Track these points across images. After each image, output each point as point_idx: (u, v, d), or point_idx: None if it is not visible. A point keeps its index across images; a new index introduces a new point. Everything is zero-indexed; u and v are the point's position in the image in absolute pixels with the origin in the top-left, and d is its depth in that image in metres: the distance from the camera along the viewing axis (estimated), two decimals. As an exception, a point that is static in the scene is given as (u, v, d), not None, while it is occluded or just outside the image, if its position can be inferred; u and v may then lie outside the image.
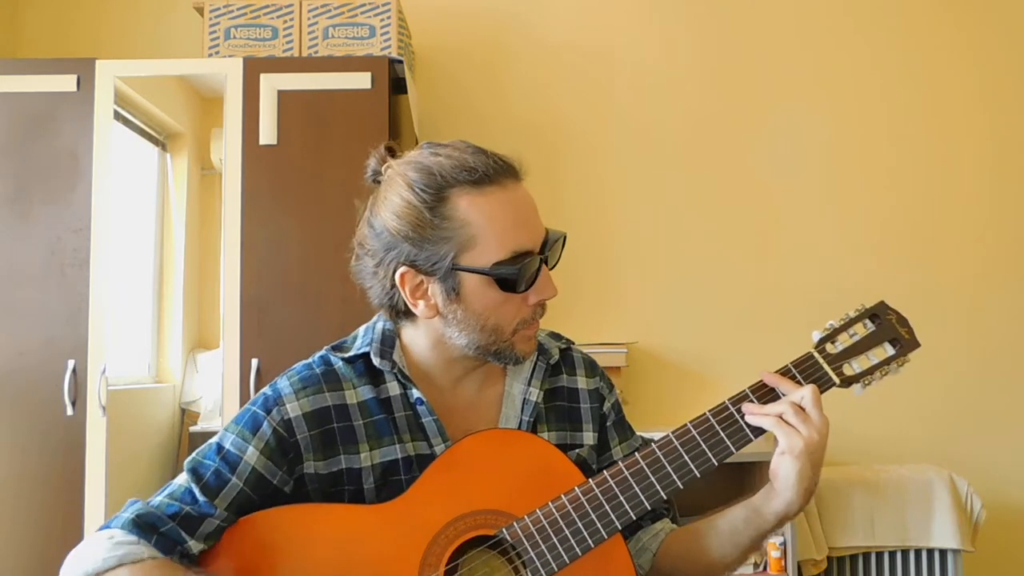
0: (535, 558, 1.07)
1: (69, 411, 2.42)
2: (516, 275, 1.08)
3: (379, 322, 1.20)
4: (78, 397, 2.43)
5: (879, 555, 2.68)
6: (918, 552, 2.67)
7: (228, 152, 2.52)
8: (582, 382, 1.27)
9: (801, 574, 2.59)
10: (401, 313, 1.15)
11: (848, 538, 2.64)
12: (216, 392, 2.51)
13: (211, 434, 1.14)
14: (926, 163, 3.06)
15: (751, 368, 3.19)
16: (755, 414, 1.11)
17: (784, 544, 2.49)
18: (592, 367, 1.30)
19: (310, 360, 1.18)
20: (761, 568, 2.53)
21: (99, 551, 1.01)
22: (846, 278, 3.01)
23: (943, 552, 2.65)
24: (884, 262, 3.03)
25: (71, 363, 2.44)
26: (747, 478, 2.61)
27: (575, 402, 1.25)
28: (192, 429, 2.66)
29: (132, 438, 2.54)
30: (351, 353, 1.17)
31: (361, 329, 1.21)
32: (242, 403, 2.40)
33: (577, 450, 1.22)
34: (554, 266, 1.15)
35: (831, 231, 3.04)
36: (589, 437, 1.24)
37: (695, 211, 3.04)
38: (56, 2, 3.11)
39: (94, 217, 2.49)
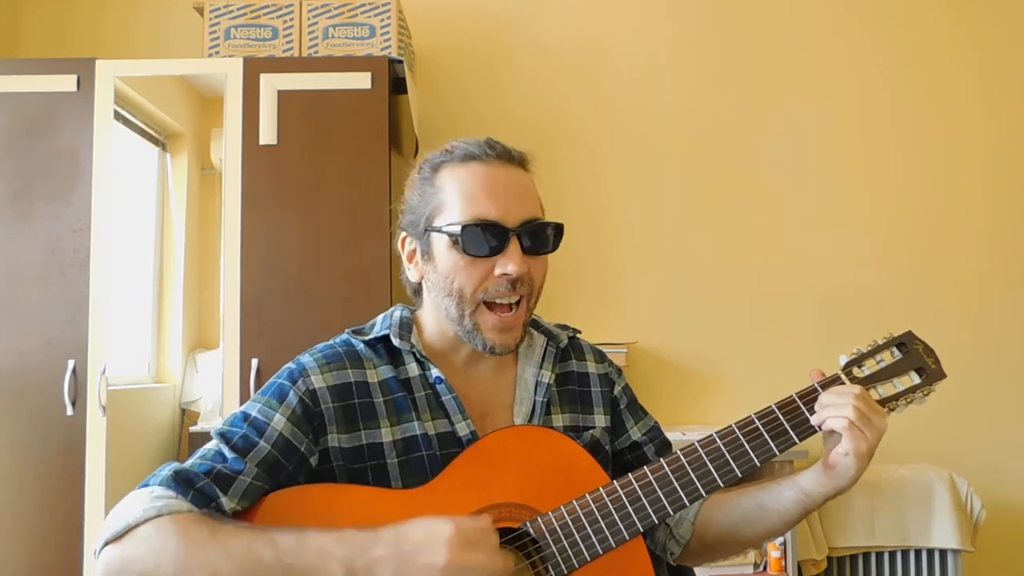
0: (556, 553, 1.09)
1: (69, 411, 2.42)
2: (469, 237, 1.14)
3: (396, 310, 1.25)
4: (78, 397, 2.43)
5: (879, 555, 2.68)
6: (918, 552, 2.67)
7: (228, 152, 2.52)
8: (591, 367, 1.33)
9: (801, 574, 2.59)
10: (416, 287, 1.26)
11: (848, 538, 2.64)
12: (216, 392, 2.51)
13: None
14: (929, 165, 3.06)
15: (751, 368, 3.20)
16: (831, 416, 1.11)
17: (784, 544, 2.49)
18: (600, 354, 1.37)
19: (331, 341, 1.23)
20: (761, 568, 2.53)
21: (140, 504, 1.03)
22: (846, 279, 3.01)
23: (943, 552, 2.65)
24: (885, 262, 3.02)
25: (71, 363, 2.44)
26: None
27: (586, 386, 1.31)
28: (192, 429, 2.66)
29: (132, 438, 2.54)
30: (371, 336, 1.22)
31: (379, 317, 1.26)
32: (242, 403, 2.40)
33: (590, 431, 1.27)
34: (540, 252, 1.19)
35: (831, 231, 3.04)
36: (601, 420, 1.29)
37: (695, 211, 3.04)
38: (56, 2, 3.11)
39: (94, 217, 2.49)
